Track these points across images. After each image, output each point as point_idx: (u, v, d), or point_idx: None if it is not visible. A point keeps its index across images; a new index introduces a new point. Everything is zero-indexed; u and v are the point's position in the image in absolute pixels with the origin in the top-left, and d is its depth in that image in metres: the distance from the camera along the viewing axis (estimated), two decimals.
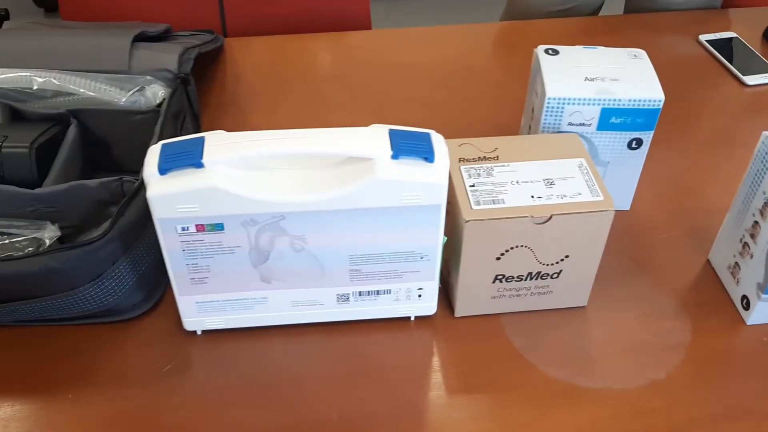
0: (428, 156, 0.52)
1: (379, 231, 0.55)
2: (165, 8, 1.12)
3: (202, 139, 0.52)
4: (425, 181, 0.52)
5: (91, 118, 0.70)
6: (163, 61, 0.75)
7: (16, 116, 0.70)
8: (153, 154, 0.52)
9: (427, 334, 0.62)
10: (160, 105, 0.72)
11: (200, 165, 0.50)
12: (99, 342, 0.61)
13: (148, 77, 0.72)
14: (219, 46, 0.96)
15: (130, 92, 0.71)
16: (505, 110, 0.89)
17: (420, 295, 0.60)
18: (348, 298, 0.60)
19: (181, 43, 0.82)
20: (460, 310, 0.62)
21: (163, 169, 0.51)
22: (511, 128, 0.85)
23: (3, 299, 0.58)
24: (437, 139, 0.53)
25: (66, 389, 0.58)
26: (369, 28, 1.19)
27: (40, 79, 0.71)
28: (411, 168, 0.52)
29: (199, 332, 0.62)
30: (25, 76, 0.70)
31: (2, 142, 0.63)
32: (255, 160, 0.51)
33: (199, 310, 0.59)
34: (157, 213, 0.51)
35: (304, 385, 0.58)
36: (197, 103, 0.76)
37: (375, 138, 0.52)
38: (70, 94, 0.71)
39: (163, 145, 0.52)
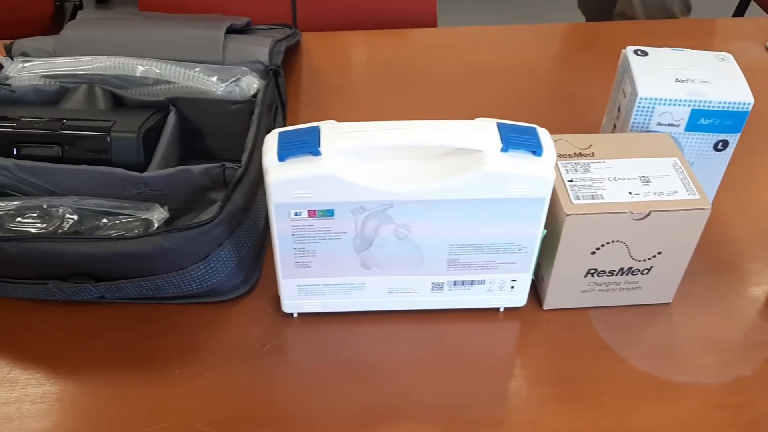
0: (536, 150, 0.53)
1: (482, 222, 0.56)
2: (236, 3, 1.15)
3: (317, 129, 0.54)
4: (533, 175, 0.53)
5: (188, 106, 0.73)
6: (255, 53, 0.78)
7: (117, 102, 0.72)
8: (271, 141, 0.54)
9: (516, 325, 0.64)
10: (254, 96, 0.74)
11: (318, 153, 0.53)
12: (201, 321, 0.64)
13: (244, 68, 0.74)
14: (297, 41, 0.98)
15: (227, 82, 0.73)
16: (579, 110, 0.90)
17: (512, 287, 0.62)
18: (442, 287, 0.61)
19: (265, 36, 0.84)
20: (549, 302, 0.64)
21: (282, 156, 0.53)
22: (587, 128, 0.87)
23: (115, 276, 0.60)
24: (543, 134, 0.55)
25: (173, 364, 0.60)
26: (434, 25, 1.21)
27: (141, 67, 0.73)
28: (519, 161, 0.53)
29: (295, 315, 0.64)
30: (128, 63, 0.73)
31: (111, 127, 0.66)
32: (369, 150, 0.53)
33: (299, 293, 0.62)
34: (274, 198, 0.54)
35: (394, 369, 0.60)
36: (285, 95, 0.78)
37: (484, 131, 0.54)
38: (168, 82, 0.74)
39: (280, 133, 0.54)
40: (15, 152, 0.65)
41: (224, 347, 0.62)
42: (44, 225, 0.61)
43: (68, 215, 0.61)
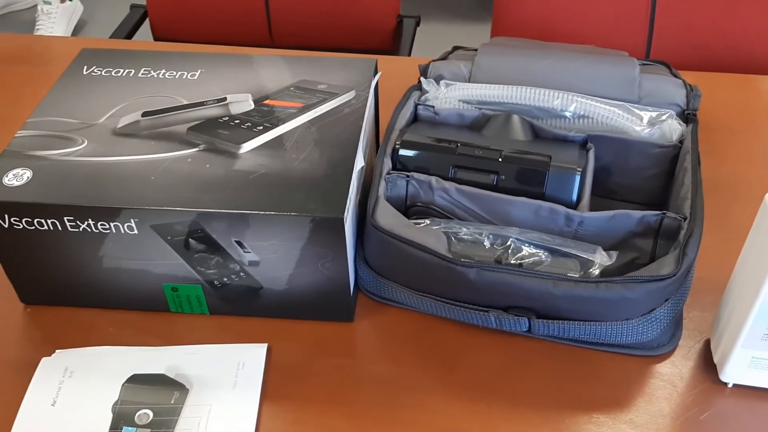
0: None
1: None
2: (591, 28, 1.13)
3: None
4: None
5: (605, 143, 0.71)
6: (672, 95, 0.74)
7: (534, 133, 0.72)
8: None
9: None
10: (679, 141, 0.71)
11: None
12: (630, 374, 0.61)
13: (670, 111, 0.72)
14: None
15: (654, 125, 0.71)
16: None
17: None
18: None
19: (667, 74, 0.80)
20: None
21: None
22: None
23: (556, 315, 0.60)
24: None
25: (599, 413, 0.59)
26: None
27: (558, 100, 0.73)
28: None
29: (730, 385, 0.60)
30: (547, 95, 0.73)
31: (549, 161, 0.66)
32: None
33: (749, 365, 0.57)
34: None
35: None
36: (697, 143, 0.74)
37: None
38: (585, 116, 0.73)
39: None
40: (452, 175, 0.67)
41: (655, 407, 0.59)
42: (490, 254, 0.62)
43: (514, 246, 0.62)
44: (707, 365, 0.62)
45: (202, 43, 1.06)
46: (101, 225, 0.60)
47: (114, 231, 0.60)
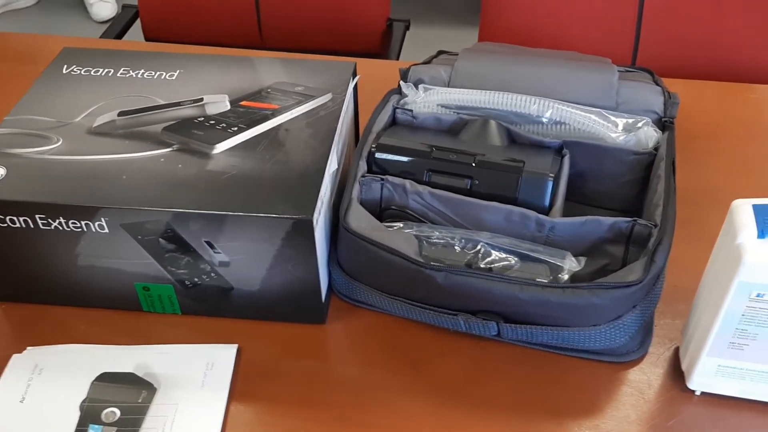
0: None
1: None
2: (578, 35, 1.13)
3: None
4: None
5: (581, 150, 0.71)
6: (650, 102, 0.74)
7: (510, 138, 0.72)
8: (745, 215, 0.50)
9: None
10: (654, 148, 0.71)
11: None
12: (598, 380, 0.61)
13: (646, 118, 0.72)
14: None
15: (630, 132, 0.71)
16: None
17: None
18: None
19: (647, 82, 0.81)
20: None
21: (763, 233, 0.49)
22: None
23: (524, 320, 0.60)
24: None
25: (571, 419, 0.59)
26: None
27: (535, 106, 0.73)
28: None
29: (698, 393, 0.60)
30: (525, 101, 0.73)
31: (522, 167, 0.66)
32: None
33: (715, 373, 0.57)
34: (743, 276, 0.50)
35: None
36: (674, 151, 0.74)
37: None
38: (561, 122, 0.73)
39: (755, 206, 0.51)
40: (427, 179, 0.67)
41: (621, 413, 0.59)
42: (460, 258, 0.62)
43: (484, 251, 0.62)
44: (676, 373, 0.62)
45: (193, 43, 1.06)
46: (72, 223, 0.60)
47: (85, 229, 0.60)
